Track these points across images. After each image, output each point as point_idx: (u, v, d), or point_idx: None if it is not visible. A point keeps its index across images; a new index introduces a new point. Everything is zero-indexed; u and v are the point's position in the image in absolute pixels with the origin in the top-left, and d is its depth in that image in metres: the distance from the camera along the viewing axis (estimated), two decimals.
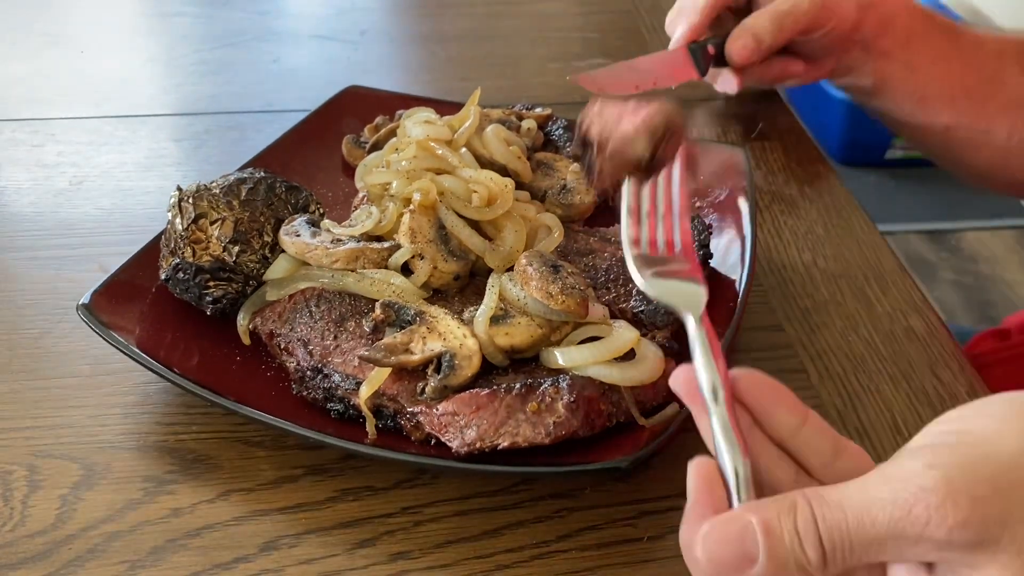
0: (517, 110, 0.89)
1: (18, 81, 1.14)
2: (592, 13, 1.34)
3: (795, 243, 0.85)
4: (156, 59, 1.22)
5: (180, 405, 0.67)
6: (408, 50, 1.29)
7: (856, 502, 0.36)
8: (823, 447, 0.41)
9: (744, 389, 0.41)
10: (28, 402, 0.67)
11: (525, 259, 0.64)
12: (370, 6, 1.40)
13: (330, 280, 0.67)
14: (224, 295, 0.68)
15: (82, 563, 0.56)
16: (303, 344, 0.64)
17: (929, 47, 0.96)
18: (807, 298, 0.78)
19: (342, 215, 0.76)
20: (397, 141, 0.79)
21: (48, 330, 0.73)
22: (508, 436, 0.57)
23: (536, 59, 1.21)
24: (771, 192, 0.92)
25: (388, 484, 0.61)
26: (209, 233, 0.68)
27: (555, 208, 0.78)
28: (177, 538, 0.58)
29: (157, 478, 0.61)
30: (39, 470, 0.62)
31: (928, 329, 0.76)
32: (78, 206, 0.89)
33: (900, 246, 2.52)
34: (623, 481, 0.62)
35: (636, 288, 0.68)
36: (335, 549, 0.57)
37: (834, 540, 0.36)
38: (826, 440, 0.41)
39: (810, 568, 0.36)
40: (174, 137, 1.02)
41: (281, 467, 0.62)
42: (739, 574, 0.37)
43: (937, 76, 0.96)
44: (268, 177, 0.72)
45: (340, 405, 0.62)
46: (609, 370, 0.59)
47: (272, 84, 1.14)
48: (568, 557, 0.57)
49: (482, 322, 0.61)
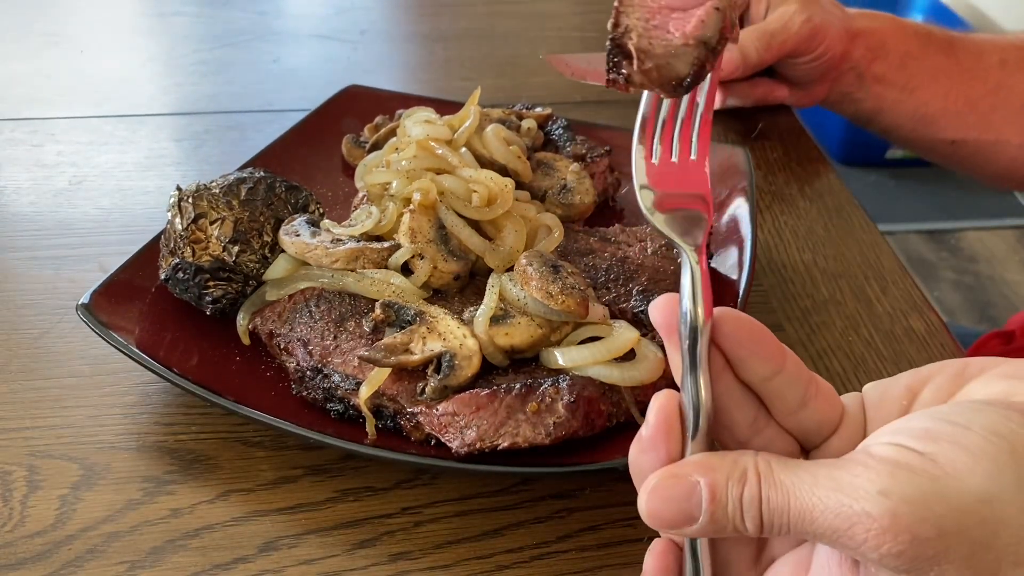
0: (517, 110, 0.89)
1: (18, 81, 1.14)
2: (592, 13, 1.34)
3: (795, 243, 0.85)
4: (156, 59, 1.22)
5: (180, 405, 0.67)
6: (408, 50, 1.29)
7: (803, 496, 0.36)
8: (792, 396, 0.41)
9: (725, 333, 0.41)
10: (27, 402, 0.67)
11: (525, 259, 0.64)
12: (370, 6, 1.40)
13: (330, 280, 0.67)
14: (224, 295, 0.68)
15: (82, 563, 0.56)
16: (303, 344, 0.64)
17: (927, 66, 0.97)
18: (807, 298, 0.78)
19: (342, 215, 0.76)
20: (397, 141, 0.79)
21: (47, 330, 0.73)
22: (508, 436, 0.57)
23: (536, 59, 1.21)
24: (771, 192, 0.92)
25: (388, 484, 0.61)
26: (209, 233, 0.68)
27: (555, 208, 0.78)
28: (176, 538, 0.57)
29: (157, 478, 0.61)
30: (38, 470, 0.62)
31: (928, 329, 0.76)
32: (78, 206, 0.89)
33: (900, 246, 2.52)
34: (623, 481, 0.61)
35: (636, 288, 0.68)
36: (335, 549, 0.57)
37: (773, 521, 0.37)
38: (797, 388, 0.41)
39: (744, 535, 0.38)
40: (174, 137, 1.02)
41: (281, 467, 0.62)
42: (675, 529, 0.38)
43: (939, 93, 0.96)
44: (268, 177, 0.72)
45: (340, 405, 0.62)
46: (609, 370, 0.59)
47: (272, 84, 1.14)
48: (568, 557, 0.57)
49: (482, 322, 0.61)
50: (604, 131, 0.91)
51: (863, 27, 0.96)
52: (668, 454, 0.40)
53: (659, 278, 0.69)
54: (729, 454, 0.39)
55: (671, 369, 0.42)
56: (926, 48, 0.96)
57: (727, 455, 0.39)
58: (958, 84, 0.95)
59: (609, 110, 1.07)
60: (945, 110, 0.96)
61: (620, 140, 0.89)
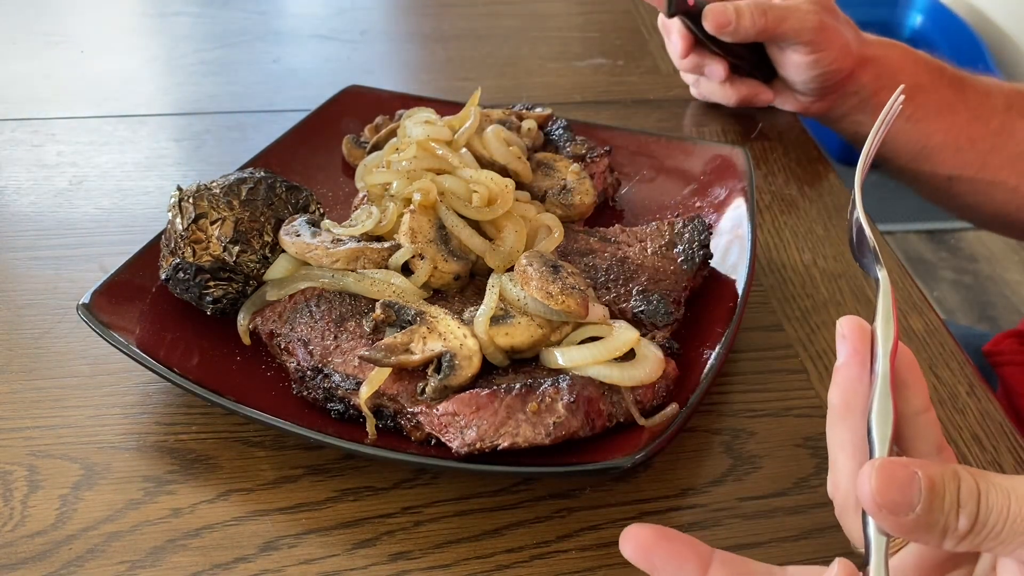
0: (517, 110, 0.89)
1: (18, 81, 1.14)
2: (592, 13, 1.34)
3: (795, 243, 0.85)
4: (156, 59, 1.22)
5: (180, 405, 0.67)
6: (408, 50, 1.29)
7: (1022, 495, 0.38)
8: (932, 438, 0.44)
9: (898, 356, 0.44)
10: (28, 402, 0.67)
11: (525, 259, 0.64)
12: (370, 6, 1.40)
13: (330, 280, 0.67)
14: (224, 295, 0.68)
15: (82, 563, 0.56)
16: (303, 344, 0.64)
17: (935, 99, 0.97)
18: (807, 298, 0.78)
19: (342, 215, 0.76)
20: (397, 141, 0.79)
21: (48, 330, 0.73)
22: (508, 436, 0.57)
23: (536, 59, 1.21)
24: (771, 192, 0.92)
25: (388, 484, 0.61)
26: (209, 233, 0.68)
27: (555, 208, 0.78)
28: (177, 538, 0.58)
29: (157, 478, 0.61)
30: (39, 470, 0.62)
31: (928, 329, 0.76)
32: (78, 206, 0.89)
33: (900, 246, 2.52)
34: (623, 481, 0.62)
35: (636, 288, 0.68)
36: (335, 549, 0.57)
37: (988, 520, 0.38)
38: (936, 432, 0.44)
39: (950, 536, 0.39)
40: (174, 137, 1.02)
41: (281, 467, 0.62)
42: (888, 515, 0.39)
43: (941, 127, 0.96)
44: (268, 177, 0.72)
45: (340, 405, 0.62)
46: (609, 370, 0.59)
47: (272, 84, 1.14)
48: (568, 557, 0.57)
49: (482, 322, 0.61)
50: (604, 131, 0.91)
51: (876, 55, 0.95)
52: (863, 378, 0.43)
53: (659, 278, 0.69)
54: (935, 461, 0.41)
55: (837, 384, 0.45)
56: (937, 82, 0.96)
57: (934, 461, 0.41)
58: (962, 121, 0.95)
59: (609, 110, 1.07)
60: (946, 145, 0.96)
61: (620, 140, 0.90)
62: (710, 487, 0.61)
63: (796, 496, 0.61)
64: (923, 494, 0.38)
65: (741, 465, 0.63)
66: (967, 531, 0.38)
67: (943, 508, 0.38)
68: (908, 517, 0.38)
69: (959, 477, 0.39)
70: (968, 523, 0.38)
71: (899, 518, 0.38)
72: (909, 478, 0.38)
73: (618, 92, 1.12)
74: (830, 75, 0.95)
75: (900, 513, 0.38)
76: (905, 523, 0.38)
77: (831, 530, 0.58)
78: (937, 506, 0.38)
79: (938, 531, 0.39)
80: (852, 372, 0.45)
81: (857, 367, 0.45)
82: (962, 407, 0.68)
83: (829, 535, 0.58)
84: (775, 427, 0.66)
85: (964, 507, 0.38)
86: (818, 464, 0.63)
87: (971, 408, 0.68)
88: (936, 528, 0.39)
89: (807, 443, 0.64)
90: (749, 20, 0.92)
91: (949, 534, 0.39)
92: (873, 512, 0.39)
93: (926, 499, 0.38)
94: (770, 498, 0.61)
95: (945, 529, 0.38)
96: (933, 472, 0.39)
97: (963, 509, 0.38)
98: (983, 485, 0.39)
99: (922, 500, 0.38)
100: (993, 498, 0.38)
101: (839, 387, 0.46)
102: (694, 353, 0.65)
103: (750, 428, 0.66)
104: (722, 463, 0.63)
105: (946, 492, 0.38)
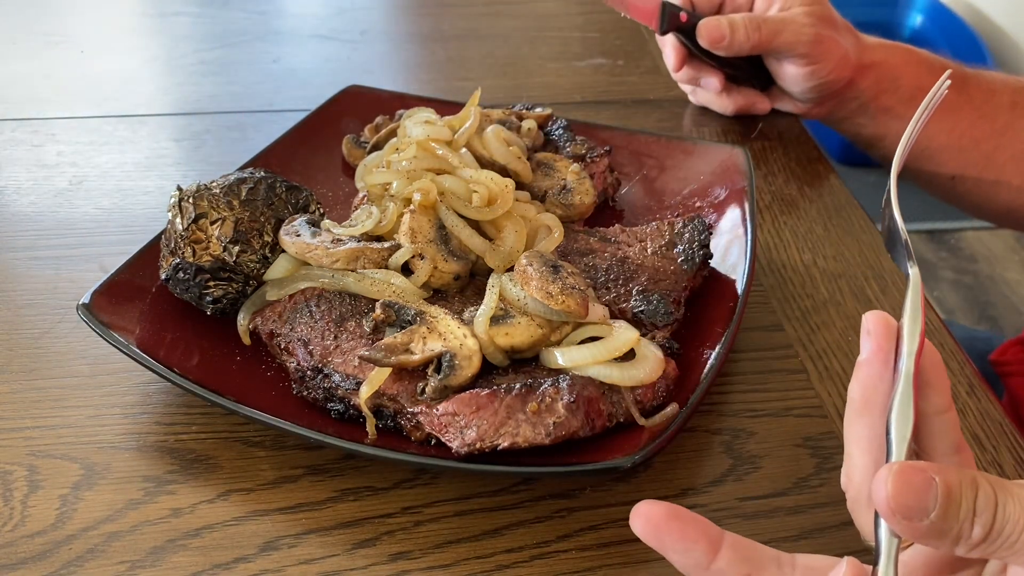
0: (517, 110, 0.89)
1: (18, 81, 1.14)
2: (592, 13, 1.34)
3: (795, 243, 0.85)
4: (156, 59, 1.22)
5: (180, 405, 0.67)
6: (408, 50, 1.29)
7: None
8: (951, 438, 0.44)
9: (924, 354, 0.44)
10: (28, 402, 0.67)
11: (525, 259, 0.64)
12: (370, 6, 1.40)
13: (330, 280, 0.67)
14: (224, 295, 0.68)
15: (82, 563, 0.56)
16: (303, 344, 0.64)
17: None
18: (807, 298, 0.78)
19: (342, 215, 0.76)
20: (397, 141, 0.79)
21: (48, 330, 0.73)
22: (508, 436, 0.57)
23: (536, 59, 1.21)
24: (771, 192, 0.92)
25: (388, 484, 0.61)
26: (209, 233, 0.68)
27: (555, 208, 0.78)
28: (177, 538, 0.58)
29: (157, 478, 0.61)
30: (39, 470, 0.62)
31: (928, 328, 0.76)
32: (78, 206, 0.89)
33: None
34: (623, 481, 0.62)
35: (636, 288, 0.68)
36: (335, 549, 0.57)
37: (1004, 531, 0.37)
38: (956, 433, 0.44)
39: (963, 543, 0.38)
40: (174, 137, 1.02)
41: (281, 467, 0.62)
42: (902, 519, 0.38)
43: (944, 128, 0.95)
44: (268, 177, 0.72)
45: (340, 405, 0.62)
46: (609, 370, 0.59)
47: (272, 84, 1.14)
48: (568, 557, 0.57)
49: (482, 322, 0.61)
50: (604, 131, 0.91)
51: (876, 60, 0.94)
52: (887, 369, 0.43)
53: (659, 278, 0.69)
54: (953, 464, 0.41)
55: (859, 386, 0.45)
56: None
57: (952, 465, 0.41)
58: (966, 121, 0.95)
59: (609, 110, 1.07)
60: (948, 145, 0.95)
61: (620, 140, 0.90)
62: (710, 487, 0.61)
63: (796, 496, 0.61)
64: (939, 500, 0.38)
65: (741, 465, 0.63)
66: (981, 540, 0.38)
67: (958, 516, 0.38)
68: (922, 523, 0.38)
69: (977, 485, 0.38)
70: (983, 532, 0.38)
71: (913, 523, 0.38)
72: (926, 484, 0.38)
73: (618, 92, 1.12)
74: (827, 85, 0.94)
75: (914, 518, 0.38)
76: (919, 528, 0.38)
77: (831, 530, 0.58)
78: (952, 513, 0.38)
79: (951, 538, 0.38)
80: (874, 369, 0.45)
81: (880, 365, 0.45)
82: (962, 407, 0.68)
83: (829, 535, 0.58)
84: (775, 427, 0.66)
85: (980, 516, 0.38)
86: (818, 464, 0.63)
87: (971, 408, 0.68)
88: (950, 535, 0.38)
89: (807, 443, 0.64)
90: (744, 34, 0.91)
91: (963, 541, 0.38)
92: (887, 516, 0.39)
93: (942, 506, 0.38)
94: (770, 498, 0.61)
95: (959, 536, 0.38)
96: (951, 479, 0.38)
97: (979, 518, 0.38)
98: (1001, 495, 0.38)
99: (938, 507, 0.38)
100: (1011, 509, 0.38)
101: (860, 383, 0.45)
102: (694, 353, 0.65)
103: (750, 428, 0.66)
104: (722, 463, 0.63)
105: (963, 500, 0.38)
